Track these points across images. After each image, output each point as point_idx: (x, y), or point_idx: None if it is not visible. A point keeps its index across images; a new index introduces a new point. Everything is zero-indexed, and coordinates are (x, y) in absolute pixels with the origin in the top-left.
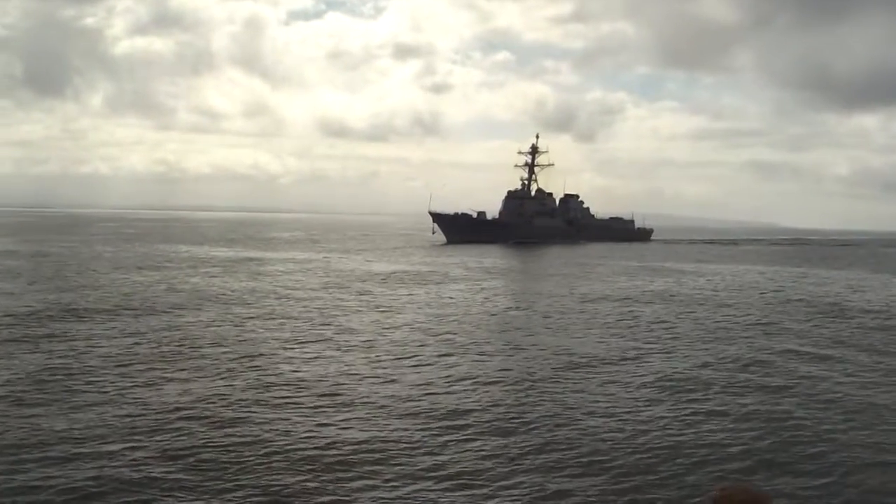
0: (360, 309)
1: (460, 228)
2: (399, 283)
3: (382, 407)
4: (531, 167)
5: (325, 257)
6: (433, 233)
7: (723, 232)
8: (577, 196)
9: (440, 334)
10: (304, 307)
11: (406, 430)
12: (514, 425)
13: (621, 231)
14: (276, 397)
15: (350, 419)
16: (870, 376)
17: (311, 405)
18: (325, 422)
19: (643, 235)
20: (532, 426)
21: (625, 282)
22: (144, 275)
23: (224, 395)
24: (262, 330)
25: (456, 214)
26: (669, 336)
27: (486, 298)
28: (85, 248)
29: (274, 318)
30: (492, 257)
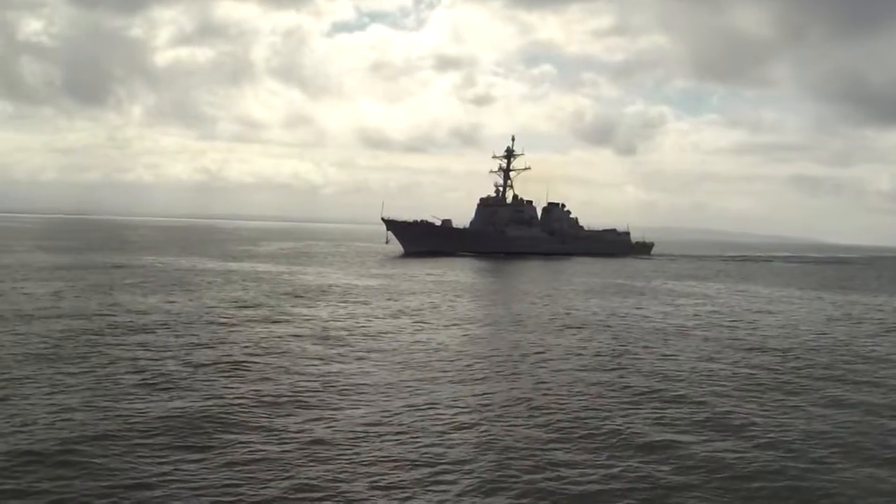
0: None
1: (419, 238)
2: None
3: None
4: (506, 172)
5: (268, 270)
6: (387, 242)
7: (756, 248)
8: (562, 205)
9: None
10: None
11: None
12: None
13: (614, 244)
14: None
15: None
16: None
17: None
18: None
19: (641, 249)
20: None
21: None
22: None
23: None
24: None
25: (414, 222)
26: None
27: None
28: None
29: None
30: (438, 270)
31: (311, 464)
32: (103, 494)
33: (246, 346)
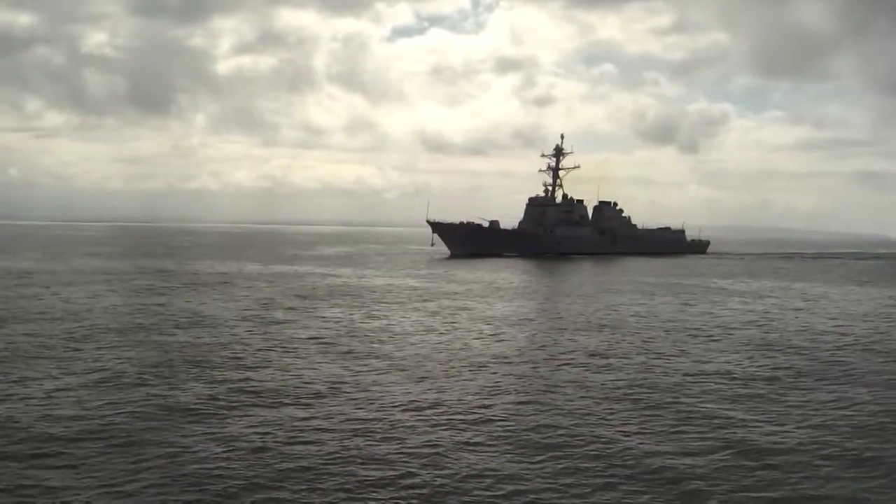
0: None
1: (465, 239)
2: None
3: None
4: (555, 171)
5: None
6: (432, 244)
7: (821, 245)
8: (614, 203)
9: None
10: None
11: None
12: None
13: (668, 243)
14: None
15: None
16: None
17: None
18: None
19: (696, 248)
20: None
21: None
22: None
23: None
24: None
25: (460, 223)
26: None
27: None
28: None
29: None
30: (480, 272)
31: (287, 457)
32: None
33: (260, 347)
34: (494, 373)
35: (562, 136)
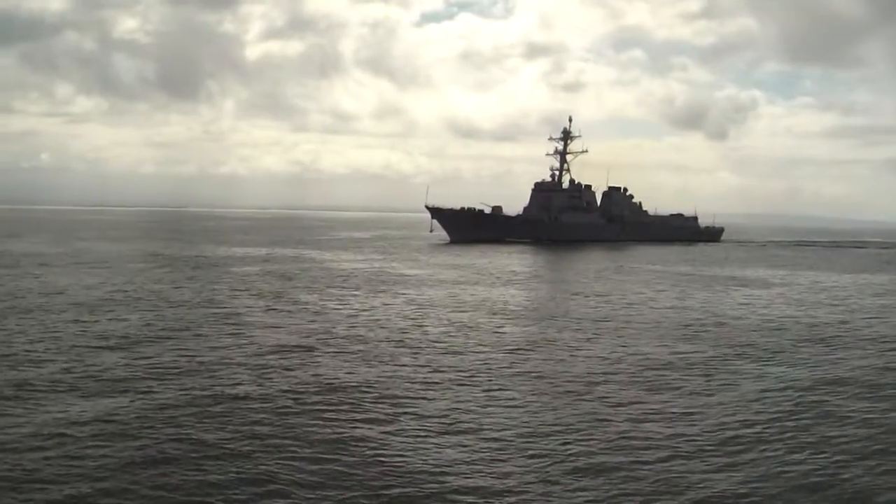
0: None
1: (466, 226)
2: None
3: None
4: (562, 155)
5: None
6: (431, 230)
7: (849, 233)
8: (624, 188)
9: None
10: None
11: None
12: None
13: (679, 230)
14: None
15: None
16: None
17: None
18: None
19: (709, 235)
20: None
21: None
22: None
23: None
24: None
25: (462, 209)
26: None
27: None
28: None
29: None
30: (470, 259)
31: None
32: None
33: (202, 331)
34: (434, 359)
35: (570, 119)
